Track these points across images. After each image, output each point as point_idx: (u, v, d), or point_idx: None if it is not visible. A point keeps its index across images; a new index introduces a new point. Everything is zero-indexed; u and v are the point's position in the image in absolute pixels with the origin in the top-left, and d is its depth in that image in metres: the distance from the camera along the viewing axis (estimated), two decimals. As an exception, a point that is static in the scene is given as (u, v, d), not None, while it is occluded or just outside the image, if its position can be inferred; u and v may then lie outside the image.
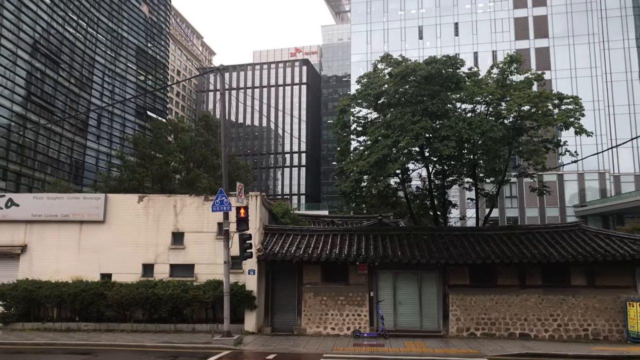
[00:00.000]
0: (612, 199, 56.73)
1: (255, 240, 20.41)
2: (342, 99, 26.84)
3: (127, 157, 46.43)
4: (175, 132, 46.39)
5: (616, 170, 61.28)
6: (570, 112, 21.87)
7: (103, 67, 79.28)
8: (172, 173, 43.51)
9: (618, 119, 61.61)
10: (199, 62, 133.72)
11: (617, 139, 58.15)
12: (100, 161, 75.21)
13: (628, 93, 63.18)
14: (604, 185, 60.48)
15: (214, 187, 37.81)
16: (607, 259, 18.89)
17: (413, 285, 20.76)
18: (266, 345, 17.29)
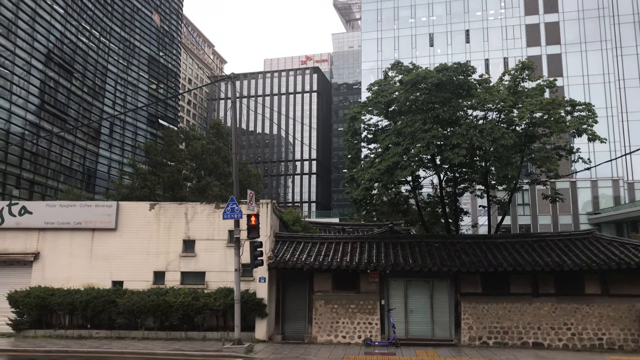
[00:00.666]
0: (626, 206, 56.03)
1: (266, 247, 20.41)
2: (353, 106, 26.88)
3: (139, 165, 46.71)
4: (187, 140, 46.64)
5: (630, 178, 60.57)
6: (583, 119, 21.68)
7: (115, 76, 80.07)
8: (183, 181, 43.71)
9: (632, 125, 60.98)
10: (210, 71, 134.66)
11: (631, 145, 57.56)
12: (112, 169, 75.79)
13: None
14: (617, 192, 59.79)
15: (224, 195, 37.90)
16: (621, 267, 18.64)
17: (424, 294, 20.61)
18: (277, 354, 17.23)
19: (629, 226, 53.94)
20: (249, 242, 18.41)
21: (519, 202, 58.37)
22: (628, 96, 62.38)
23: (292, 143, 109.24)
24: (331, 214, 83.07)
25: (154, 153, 45.39)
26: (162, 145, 49.10)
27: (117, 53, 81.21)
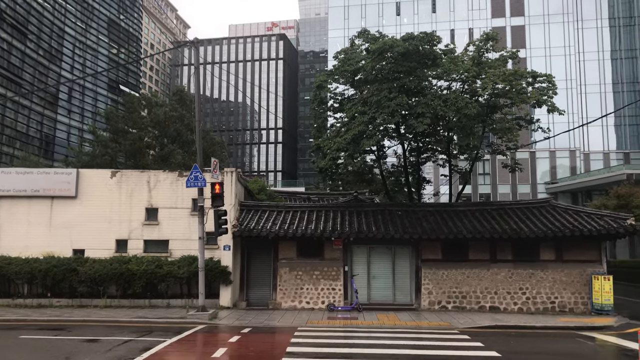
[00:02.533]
0: (582, 176, 58.02)
1: (230, 216, 20.38)
2: (319, 74, 26.69)
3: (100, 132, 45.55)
4: (149, 107, 45.60)
5: (586, 148, 62.55)
6: (544, 90, 22.15)
7: (73, 39, 77.04)
8: (145, 148, 42.93)
9: (590, 98, 62.64)
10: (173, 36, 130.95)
11: (588, 117, 59.17)
12: (71, 136, 73.62)
13: (599, 72, 64.17)
14: (574, 162, 61.78)
15: (188, 163, 37.48)
16: (575, 234, 19.42)
17: (387, 260, 21.06)
18: (241, 320, 17.42)
19: (583, 195, 55.94)
20: (213, 211, 18.34)
21: (479, 172, 59.66)
22: (587, 69, 63.86)
23: (258, 111, 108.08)
24: (297, 183, 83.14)
25: (115, 120, 44.30)
26: (124, 112, 47.90)
27: (75, 15, 77.96)
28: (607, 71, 64.39)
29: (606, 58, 64.59)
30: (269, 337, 14.73)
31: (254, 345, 13.38)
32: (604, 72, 64.35)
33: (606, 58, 64.59)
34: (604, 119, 59.83)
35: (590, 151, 62.54)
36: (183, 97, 47.25)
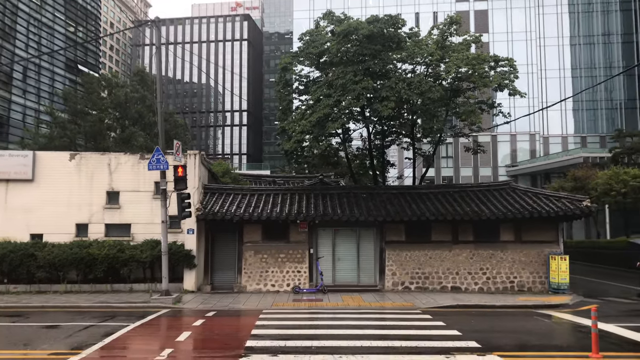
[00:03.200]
0: (541, 159, 59.62)
1: (194, 199, 20.13)
2: (284, 56, 26.42)
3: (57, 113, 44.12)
4: (109, 88, 44.39)
5: (545, 132, 64.16)
6: (505, 74, 22.50)
7: (27, 16, 73.90)
8: (106, 130, 41.88)
9: (550, 82, 64.09)
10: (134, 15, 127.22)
11: (548, 102, 60.58)
12: (27, 117, 70.98)
13: (559, 57, 65.63)
14: (534, 146, 63.38)
15: (150, 145, 36.75)
16: (533, 216, 19.98)
17: (352, 242, 21.24)
18: (205, 303, 17.34)
19: (542, 177, 57.54)
20: (176, 194, 18.07)
21: (442, 155, 60.55)
22: (547, 54, 65.22)
23: (222, 93, 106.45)
24: (262, 166, 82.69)
25: (74, 101, 43.02)
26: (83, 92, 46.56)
27: (29, -10, 74.67)
28: (567, 56, 65.91)
29: (565, 44, 66.06)
30: (233, 320, 14.71)
31: (219, 328, 13.35)
32: (563, 58, 65.86)
33: (565, 44, 66.06)
34: (563, 104, 61.37)
35: (549, 135, 64.19)
36: (144, 77, 46.15)
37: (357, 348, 10.12)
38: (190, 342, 11.46)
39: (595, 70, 64.83)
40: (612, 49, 65.66)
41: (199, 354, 10.42)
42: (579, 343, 11.32)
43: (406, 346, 10.43)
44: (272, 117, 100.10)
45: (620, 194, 36.29)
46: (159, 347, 10.66)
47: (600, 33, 66.02)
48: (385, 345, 10.48)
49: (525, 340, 11.64)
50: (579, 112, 65.79)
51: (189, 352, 10.54)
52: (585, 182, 38.96)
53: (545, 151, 62.93)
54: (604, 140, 61.18)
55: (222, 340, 11.76)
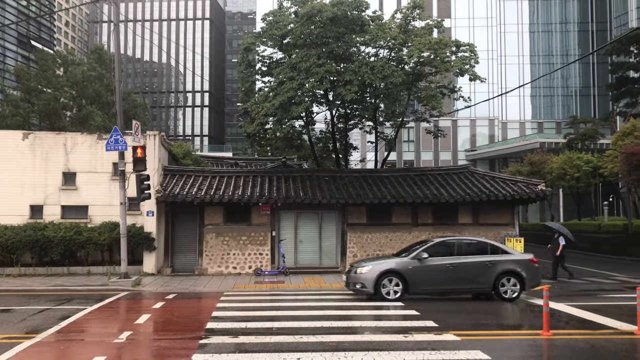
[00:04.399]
0: (499, 144, 61.09)
1: (154, 181, 19.79)
2: (247, 36, 26.07)
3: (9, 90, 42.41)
4: (65, 65, 42.89)
5: (504, 118, 65.67)
6: (466, 60, 22.85)
7: (-24, -12, 70.43)
8: (62, 110, 40.57)
9: (509, 69, 65.45)
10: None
11: (507, 87, 61.91)
12: (-23, 94, 68.00)
13: (518, 44, 67.01)
14: (492, 131, 64.82)
15: (108, 125, 35.82)
16: (490, 199, 20.52)
17: (314, 225, 21.36)
18: (166, 286, 17.18)
19: (500, 162, 59.03)
20: (135, 175, 17.74)
21: (404, 139, 61.27)
22: (507, 40, 66.48)
23: (183, 73, 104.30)
24: (224, 148, 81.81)
25: (27, 78, 41.39)
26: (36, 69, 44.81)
27: (-23, -39, 71.12)
28: (526, 43, 67.34)
29: (525, 31, 67.44)
30: (194, 303, 14.64)
31: (179, 310, 13.26)
32: (523, 44, 67.26)
33: (525, 31, 67.44)
34: (521, 90, 62.82)
35: (507, 120, 65.73)
36: (102, 55, 44.75)
37: (318, 329, 10.24)
38: (149, 324, 11.36)
39: (552, 58, 66.52)
40: (568, 37, 67.43)
41: (158, 337, 10.34)
42: (531, 321, 11.77)
43: (366, 326, 10.63)
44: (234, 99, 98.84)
45: (574, 178, 37.62)
46: (117, 330, 10.53)
47: (558, 21, 67.64)
48: (345, 325, 10.65)
49: (480, 319, 12.02)
50: (536, 98, 67.54)
51: (148, 335, 10.45)
52: (540, 167, 40.18)
53: (504, 136, 64.48)
54: (559, 126, 63.09)
55: (182, 322, 11.70)
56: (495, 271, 14.26)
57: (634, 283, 17.99)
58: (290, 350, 8.51)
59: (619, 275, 21.95)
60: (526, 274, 14.38)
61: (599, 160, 36.30)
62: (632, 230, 30.36)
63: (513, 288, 14.27)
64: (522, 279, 14.31)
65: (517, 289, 14.26)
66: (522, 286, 14.31)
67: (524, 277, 14.32)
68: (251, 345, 8.99)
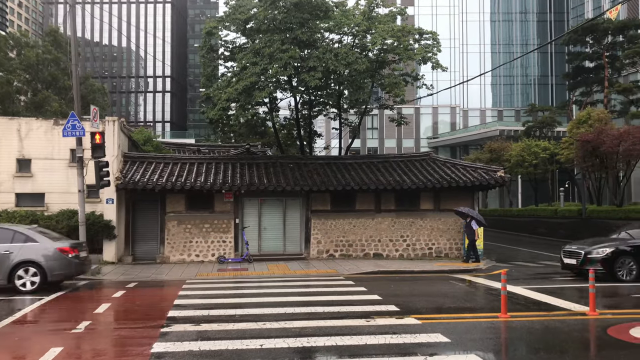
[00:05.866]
0: (460, 131, 62.20)
1: (113, 168, 19.34)
2: (209, 20, 25.62)
3: (-42, 73, 40.52)
4: (18, 48, 41.26)
5: (465, 106, 66.80)
6: (429, 48, 23.03)
7: None
8: (15, 94, 39.07)
9: (470, 57, 66.44)
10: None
11: (468, 76, 62.90)
12: None
13: (480, 33, 68.04)
14: (454, 119, 65.91)
15: (65, 111, 34.67)
16: (451, 185, 20.89)
17: (278, 212, 21.33)
18: (126, 274, 16.89)
19: (461, 149, 60.15)
20: (94, 162, 17.27)
21: (368, 126, 61.66)
22: (469, 29, 67.40)
23: (144, 58, 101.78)
24: (186, 135, 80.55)
25: (-24, 60, 39.57)
26: (-13, 52, 42.86)
27: None
28: (487, 32, 68.43)
29: (486, 20, 68.47)
30: (156, 291, 14.46)
31: (140, 299, 13.07)
32: (484, 33, 68.32)
33: (486, 20, 68.47)
34: (482, 79, 63.91)
35: (469, 108, 66.87)
36: (58, 38, 43.17)
37: (281, 315, 10.27)
38: (109, 313, 11.16)
39: (512, 47, 67.84)
40: (528, 27, 68.83)
41: (118, 325, 10.17)
42: (490, 305, 12.09)
43: (329, 311, 10.71)
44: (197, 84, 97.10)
45: (532, 165, 38.67)
46: (75, 319, 10.29)
47: (518, 11, 68.89)
48: (308, 311, 10.70)
49: (441, 303, 12.28)
50: (496, 86, 68.84)
51: (108, 324, 10.26)
52: (500, 154, 41.15)
53: (465, 124, 65.64)
54: (518, 114, 64.58)
55: (143, 311, 11.54)
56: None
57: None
58: (253, 337, 8.50)
59: (573, 258, 22.73)
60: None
61: (555, 148, 37.41)
62: (585, 215, 31.47)
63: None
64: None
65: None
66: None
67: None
68: (213, 332, 8.94)
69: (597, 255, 15.30)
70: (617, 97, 42.92)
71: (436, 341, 8.27)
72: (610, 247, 15.44)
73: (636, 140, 27.55)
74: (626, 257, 15.18)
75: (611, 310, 11.12)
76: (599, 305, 10.93)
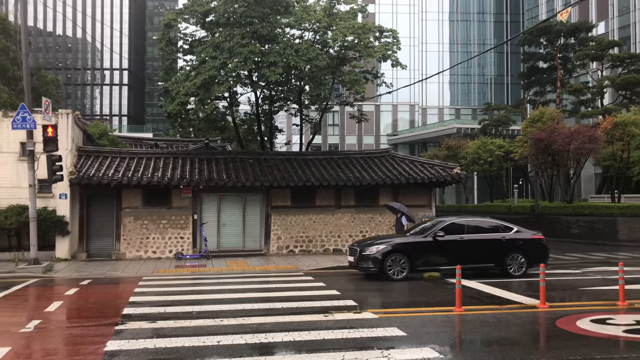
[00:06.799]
0: (419, 129, 63.16)
1: (67, 162, 18.78)
2: (168, 12, 25.15)
3: None
4: (-37, 36, 39.31)
5: (424, 104, 67.85)
6: (389, 45, 23.28)
7: None
8: (-39, 84, 37.25)
9: (429, 56, 67.50)
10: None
11: (427, 74, 63.92)
12: None
13: (439, 32, 69.17)
14: (413, 116, 66.88)
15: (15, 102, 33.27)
16: (409, 182, 21.22)
17: (237, 208, 21.17)
18: (80, 271, 16.44)
19: (420, 146, 61.06)
20: (46, 156, 16.72)
21: (329, 123, 61.87)
22: (428, 28, 68.44)
23: (100, 50, 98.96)
24: (144, 129, 78.90)
25: None
26: None
27: None
28: (446, 32, 69.62)
29: (445, 19, 69.65)
30: (110, 288, 14.13)
31: (94, 296, 12.75)
32: (443, 33, 69.49)
33: (445, 19, 69.65)
34: (440, 77, 65.04)
35: (427, 106, 67.96)
36: (7, 27, 41.35)
37: (239, 311, 10.21)
38: (61, 312, 10.84)
39: (470, 46, 69.24)
40: (485, 27, 70.39)
41: (70, 324, 9.89)
42: (445, 299, 12.34)
43: (287, 307, 10.72)
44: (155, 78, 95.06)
45: (487, 162, 39.61)
46: (25, 319, 9.96)
47: (476, 11, 70.35)
48: (267, 307, 10.68)
49: (398, 297, 12.47)
50: (454, 85, 70.19)
51: (59, 323, 9.96)
52: (457, 151, 41.96)
53: (424, 121, 66.69)
54: (475, 113, 66.03)
55: (97, 309, 11.26)
56: None
57: (538, 260, 19.26)
58: (210, 334, 8.43)
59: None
60: None
61: (510, 146, 38.42)
62: (538, 211, 32.53)
63: None
64: None
65: None
66: None
67: None
68: (170, 329, 8.82)
69: (369, 252, 14.53)
70: (569, 97, 44.44)
71: (392, 335, 8.40)
72: (383, 244, 14.69)
73: (586, 139, 28.63)
74: (397, 255, 14.48)
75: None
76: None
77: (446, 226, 15.20)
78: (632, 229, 27.46)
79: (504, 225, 15.76)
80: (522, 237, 15.51)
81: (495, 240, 15.24)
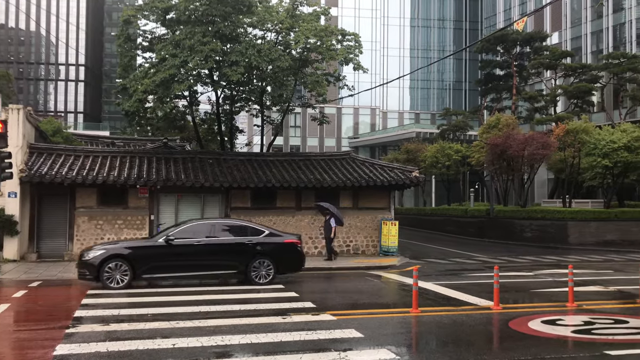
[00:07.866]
0: (380, 132, 63.88)
1: (17, 159, 18.08)
2: (127, 8, 24.61)
3: None
4: None
5: (385, 107, 68.67)
6: (351, 49, 23.42)
7: None
8: None
9: (390, 60, 68.37)
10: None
11: (388, 78, 64.70)
12: None
13: (400, 37, 70.15)
14: (374, 120, 67.58)
15: (-36, 96, 32.02)
16: (369, 184, 21.39)
17: (196, 209, 20.85)
18: (30, 273, 15.86)
19: (380, 149, 61.77)
20: (-6, 152, 16.04)
21: (291, 124, 61.81)
22: (390, 33, 69.34)
23: (56, 44, 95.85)
24: (101, 127, 76.80)
25: None
26: None
27: None
28: (407, 37, 70.68)
29: (406, 25, 70.70)
30: (62, 290, 13.68)
31: (44, 299, 12.32)
32: (404, 38, 70.51)
33: (406, 25, 70.70)
34: (401, 82, 65.89)
35: (388, 110, 68.81)
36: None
37: (195, 314, 10.05)
38: (8, 315, 10.41)
39: (430, 52, 70.50)
40: (445, 33, 71.83)
41: (18, 327, 9.52)
42: (403, 300, 12.51)
43: (245, 309, 10.62)
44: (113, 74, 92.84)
45: (445, 166, 40.41)
46: (-31, 322, 9.54)
47: (436, 17, 71.69)
48: (223, 309, 10.55)
49: (356, 299, 12.54)
50: (414, 90, 71.31)
51: (5, 326, 9.55)
52: (416, 155, 42.63)
53: (384, 125, 67.48)
54: (434, 117, 67.25)
55: (47, 311, 10.88)
56: None
57: (492, 263, 19.79)
58: (165, 337, 8.26)
59: (480, 255, 24.07)
60: None
61: (467, 150, 39.31)
62: (493, 215, 33.36)
63: None
64: None
65: None
66: None
67: None
68: (123, 332, 8.59)
69: (87, 258, 13.17)
70: (524, 104, 45.81)
71: (350, 337, 8.43)
72: (102, 249, 13.35)
73: (539, 145, 29.57)
74: (118, 261, 13.03)
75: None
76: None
77: (185, 228, 14.02)
78: (582, 232, 28.51)
79: (253, 228, 14.55)
80: (272, 241, 14.24)
81: (239, 244, 14.01)
